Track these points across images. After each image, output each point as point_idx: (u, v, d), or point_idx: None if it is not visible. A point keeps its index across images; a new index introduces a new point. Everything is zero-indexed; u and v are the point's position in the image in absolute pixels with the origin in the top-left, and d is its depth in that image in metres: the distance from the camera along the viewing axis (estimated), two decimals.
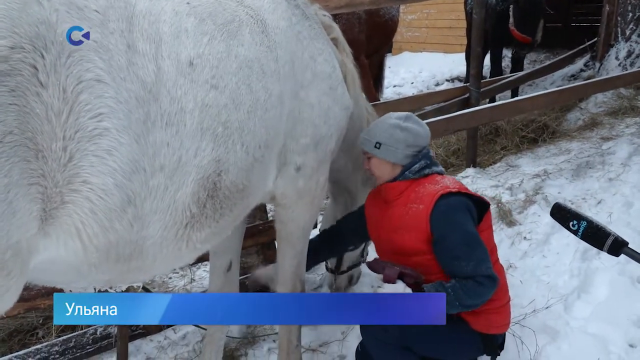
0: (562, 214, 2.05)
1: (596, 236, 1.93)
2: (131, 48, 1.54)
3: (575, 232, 1.99)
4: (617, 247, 1.89)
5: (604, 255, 3.49)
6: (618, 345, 2.85)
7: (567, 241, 3.80)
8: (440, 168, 2.59)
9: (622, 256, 2.05)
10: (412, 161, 2.50)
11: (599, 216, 3.89)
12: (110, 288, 1.99)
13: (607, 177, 4.62)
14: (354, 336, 3.21)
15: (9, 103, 1.25)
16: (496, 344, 2.52)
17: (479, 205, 2.50)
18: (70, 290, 1.88)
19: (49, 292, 2.69)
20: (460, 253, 2.29)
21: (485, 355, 2.56)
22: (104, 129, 1.44)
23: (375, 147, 2.50)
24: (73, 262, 1.55)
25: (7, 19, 1.26)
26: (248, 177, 1.94)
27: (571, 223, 1.99)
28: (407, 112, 2.60)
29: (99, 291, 1.95)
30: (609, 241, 1.89)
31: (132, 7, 1.60)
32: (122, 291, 2.13)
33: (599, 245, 1.93)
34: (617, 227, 3.45)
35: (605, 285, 3.31)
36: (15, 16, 1.28)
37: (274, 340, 3.25)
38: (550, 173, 4.94)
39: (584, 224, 1.96)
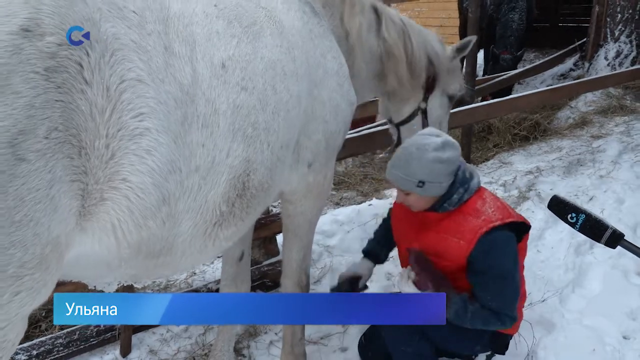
0: (560, 207, 2.06)
1: (594, 229, 1.95)
2: (168, 50, 1.56)
3: (573, 225, 2.00)
4: (615, 239, 1.91)
5: (597, 249, 3.63)
6: (612, 336, 2.94)
7: (561, 236, 3.90)
8: (474, 182, 2.44)
9: (616, 251, 2.07)
10: (450, 191, 2.38)
11: None
12: (135, 283, 2.00)
13: (598, 175, 4.73)
14: (356, 329, 3.26)
15: (55, 99, 1.25)
16: (504, 343, 2.60)
17: (520, 228, 2.47)
18: (95, 287, 1.90)
19: None
20: (492, 288, 2.31)
21: (492, 352, 2.65)
22: (145, 129, 1.46)
23: (418, 186, 2.34)
24: (105, 257, 1.58)
25: (56, 16, 1.26)
26: (272, 176, 1.98)
27: (569, 216, 2.01)
28: (441, 138, 2.39)
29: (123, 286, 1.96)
30: (607, 234, 1.91)
31: (167, 10, 1.61)
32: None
33: (597, 238, 1.95)
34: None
35: (599, 279, 3.40)
36: (63, 13, 1.28)
37: (275, 333, 3.29)
38: (542, 170, 5.05)
39: (582, 216, 1.98)
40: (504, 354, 2.66)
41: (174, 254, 1.74)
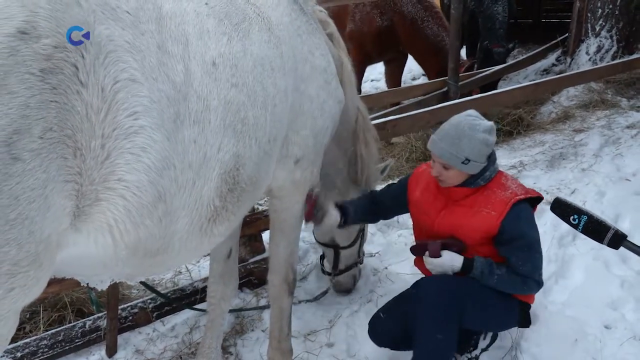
0: (563, 209, 2.10)
1: (596, 230, 1.99)
2: (161, 49, 1.59)
3: (575, 227, 2.04)
4: (617, 240, 1.94)
5: (580, 241, 3.68)
6: (594, 326, 2.98)
7: (544, 229, 3.92)
8: (497, 163, 2.66)
9: (596, 242, 2.10)
10: (484, 168, 2.56)
11: None
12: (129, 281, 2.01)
13: (580, 168, 4.79)
14: (342, 325, 3.28)
15: (50, 100, 1.28)
16: (528, 313, 2.72)
17: (532, 203, 2.66)
18: (87, 284, 1.91)
19: None
20: (522, 255, 2.49)
21: (518, 327, 2.80)
22: (140, 127, 1.49)
23: (463, 163, 2.47)
24: (102, 257, 1.59)
25: (53, 19, 1.29)
26: (259, 170, 2.02)
27: (572, 217, 2.05)
28: (488, 122, 2.56)
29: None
30: (609, 235, 1.94)
31: (159, 9, 1.64)
32: None
33: (599, 239, 1.98)
34: None
35: (580, 270, 3.45)
36: (59, 17, 1.31)
37: (262, 331, 3.30)
38: (526, 164, 5.09)
39: (584, 218, 2.01)
40: (528, 326, 2.79)
41: (170, 252, 1.77)
